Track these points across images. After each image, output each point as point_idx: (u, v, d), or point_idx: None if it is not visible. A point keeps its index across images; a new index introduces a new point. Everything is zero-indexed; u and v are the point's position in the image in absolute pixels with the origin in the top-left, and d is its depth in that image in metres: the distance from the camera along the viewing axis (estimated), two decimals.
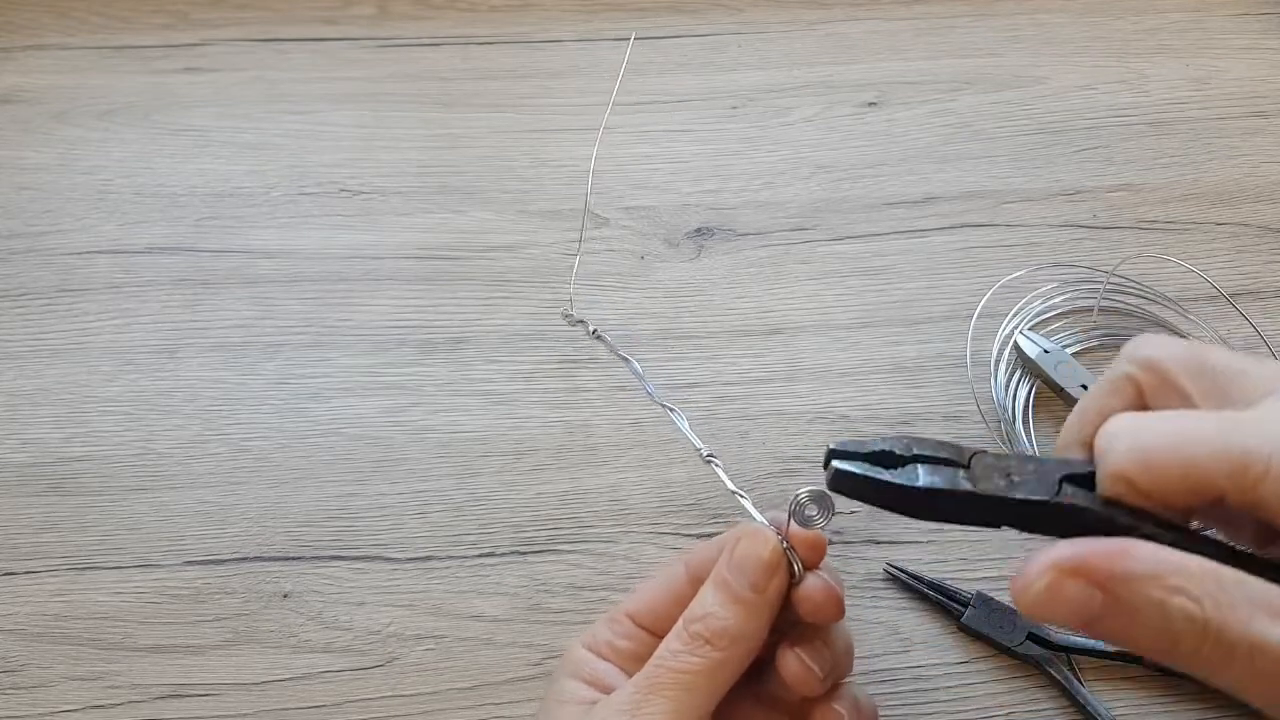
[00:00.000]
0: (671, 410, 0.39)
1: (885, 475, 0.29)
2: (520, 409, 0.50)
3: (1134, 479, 0.25)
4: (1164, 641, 0.24)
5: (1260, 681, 0.23)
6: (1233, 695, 0.24)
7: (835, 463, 0.30)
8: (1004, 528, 0.28)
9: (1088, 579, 0.24)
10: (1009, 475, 0.28)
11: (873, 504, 0.29)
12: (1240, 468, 0.24)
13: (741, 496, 0.35)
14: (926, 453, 0.29)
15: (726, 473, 0.36)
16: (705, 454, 0.37)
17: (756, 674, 0.34)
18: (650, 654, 0.33)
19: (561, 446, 0.49)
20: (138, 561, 0.45)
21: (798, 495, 0.32)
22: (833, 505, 0.32)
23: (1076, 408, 0.32)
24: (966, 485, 0.28)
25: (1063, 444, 0.32)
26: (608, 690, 0.33)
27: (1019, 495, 0.27)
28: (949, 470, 0.29)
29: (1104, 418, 0.28)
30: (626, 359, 0.41)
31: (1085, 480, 0.27)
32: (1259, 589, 0.24)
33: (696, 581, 0.34)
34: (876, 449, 0.29)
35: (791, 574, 0.32)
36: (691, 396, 0.50)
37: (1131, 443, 0.26)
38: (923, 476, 0.28)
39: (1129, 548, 0.24)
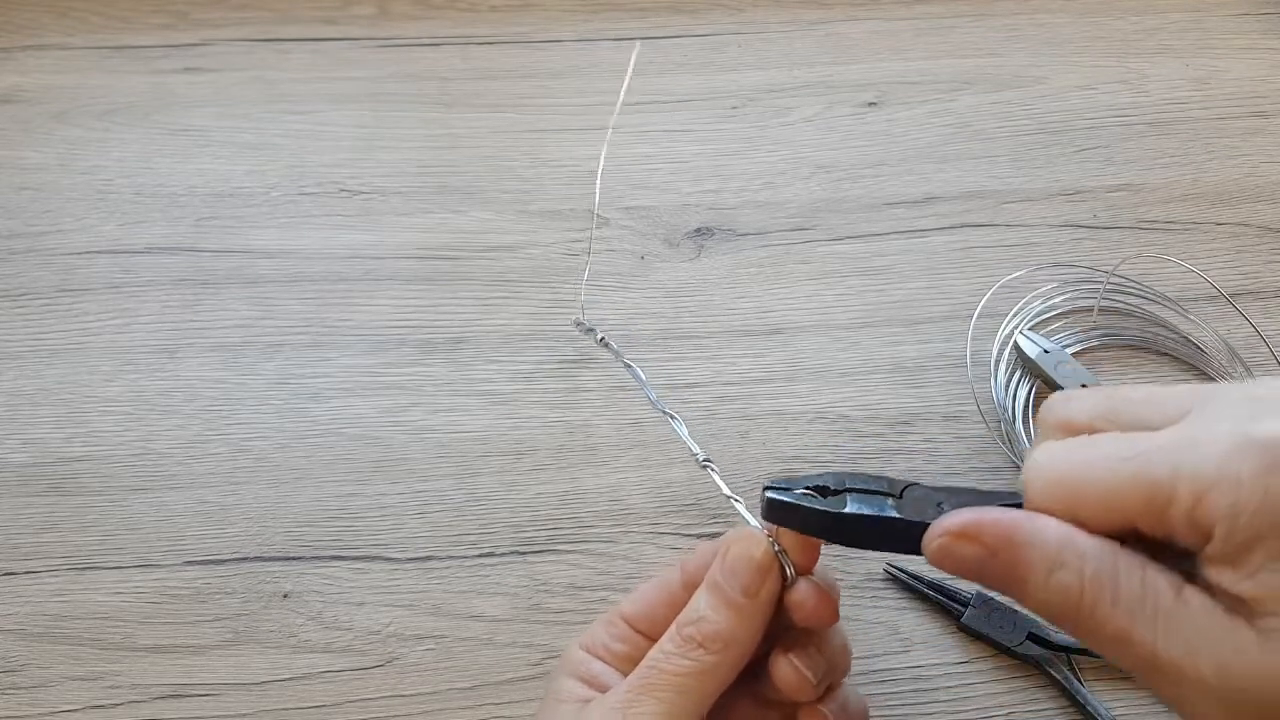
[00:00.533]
0: (673, 417, 0.39)
1: (813, 504, 0.30)
2: (520, 409, 0.50)
3: (1056, 515, 0.26)
4: (1046, 609, 0.26)
5: (1124, 664, 0.25)
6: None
7: (768, 493, 0.31)
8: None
9: (975, 543, 0.26)
10: (939, 505, 0.29)
11: (804, 531, 0.31)
12: (1148, 498, 0.24)
13: (736, 500, 0.35)
14: (858, 485, 0.31)
15: (723, 476, 0.36)
16: (701, 459, 0.37)
17: (753, 675, 0.34)
18: (644, 656, 0.33)
19: (561, 447, 0.49)
20: (138, 561, 0.45)
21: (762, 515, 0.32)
22: (792, 518, 0.32)
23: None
24: (892, 513, 0.29)
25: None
26: (603, 689, 0.33)
27: (929, 521, 0.28)
28: (878, 500, 0.30)
29: None
30: (630, 365, 0.41)
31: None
32: (1145, 572, 0.24)
33: (691, 585, 0.34)
34: (812, 484, 0.31)
35: (784, 577, 0.32)
36: (691, 397, 0.50)
37: (1048, 474, 0.27)
38: (849, 505, 0.30)
39: (1027, 519, 0.26)
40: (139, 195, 0.57)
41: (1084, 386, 0.49)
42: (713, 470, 0.36)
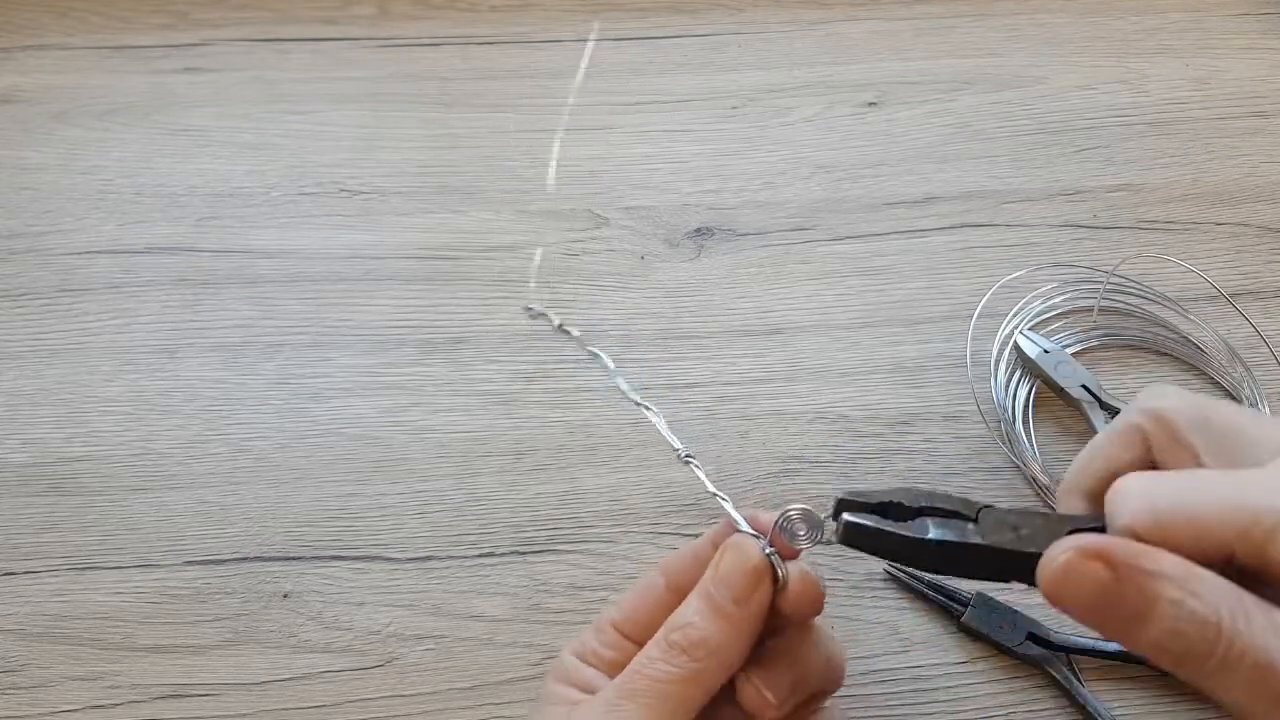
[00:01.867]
0: (648, 409, 0.38)
1: (898, 529, 0.29)
2: (520, 409, 0.50)
3: (1144, 537, 0.25)
4: (1174, 641, 0.24)
5: (1259, 701, 0.24)
6: (1225, 708, 0.25)
7: (846, 515, 0.30)
8: (1013, 582, 0.28)
9: (1107, 564, 0.25)
10: (1016, 529, 0.28)
11: (882, 556, 0.30)
12: (1248, 527, 0.24)
13: (722, 499, 0.35)
14: (933, 505, 0.29)
15: (718, 474, 0.36)
16: (684, 455, 0.36)
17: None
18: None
19: (561, 446, 0.49)
20: (138, 561, 0.45)
21: (788, 512, 0.32)
22: (822, 527, 0.31)
23: (1083, 452, 0.32)
24: (976, 539, 0.28)
25: (1067, 487, 0.33)
26: (593, 693, 0.33)
27: (1030, 549, 0.27)
28: (958, 523, 0.29)
29: (1111, 466, 0.28)
30: (596, 353, 0.40)
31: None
32: (1273, 611, 0.24)
33: (675, 589, 0.34)
34: (883, 500, 0.30)
35: (775, 583, 0.32)
36: (691, 397, 0.50)
37: (1141, 502, 0.26)
38: (933, 530, 0.29)
39: (1154, 550, 0.25)
40: (139, 195, 0.57)
41: (1084, 387, 0.49)
42: (695, 465, 0.36)
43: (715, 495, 0.35)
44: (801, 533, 0.32)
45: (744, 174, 0.59)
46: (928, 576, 0.44)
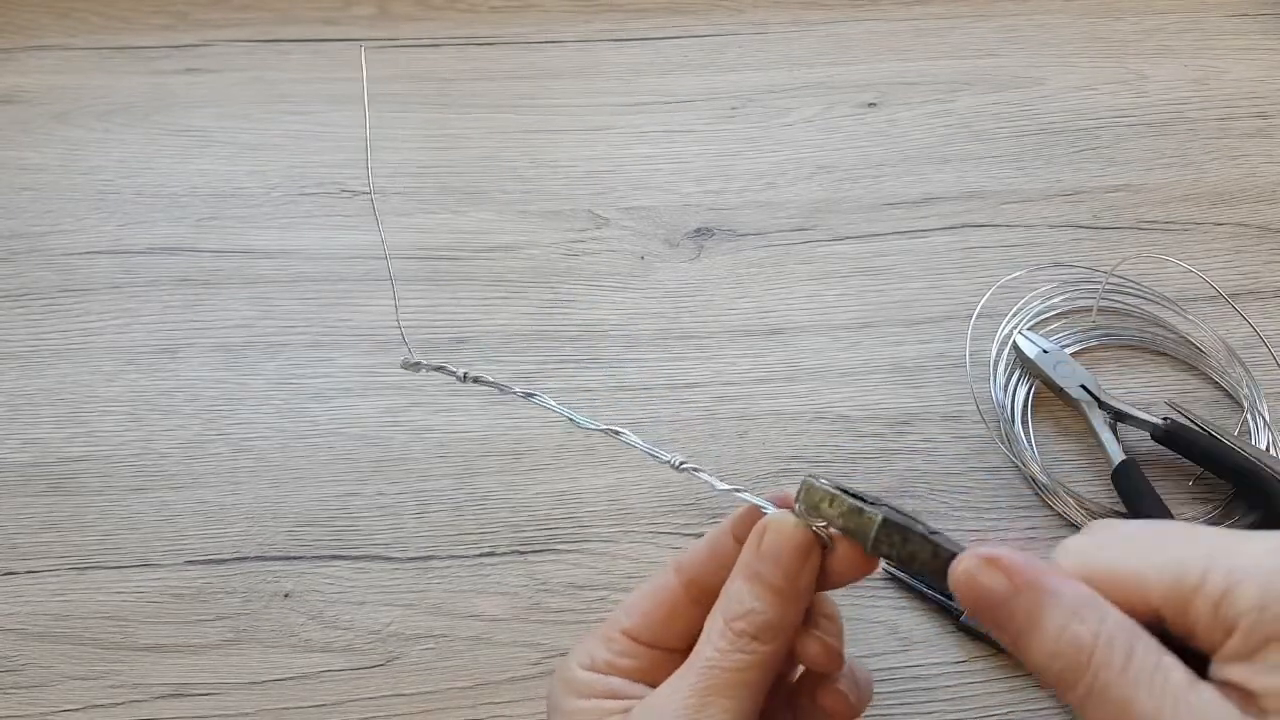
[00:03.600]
0: (617, 433, 0.37)
1: (851, 494, 0.30)
2: (520, 409, 0.50)
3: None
4: (1052, 661, 0.25)
5: None
6: None
7: (807, 477, 0.31)
8: (929, 579, 0.30)
9: (1006, 574, 0.26)
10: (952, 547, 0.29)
11: (833, 522, 0.30)
12: (1172, 584, 0.24)
13: (738, 491, 0.34)
14: (895, 507, 0.30)
15: (708, 471, 0.35)
16: (677, 463, 0.35)
17: None
18: (656, 669, 0.33)
19: (561, 446, 0.49)
20: (138, 561, 0.45)
21: (799, 501, 0.31)
22: (835, 508, 0.31)
23: None
24: (922, 529, 0.29)
25: None
26: (631, 698, 0.32)
27: (957, 550, 0.28)
28: (911, 520, 0.30)
29: None
30: (532, 394, 0.36)
31: None
32: (1163, 656, 0.24)
33: (692, 587, 0.33)
34: (848, 488, 0.31)
35: (822, 551, 0.32)
36: (691, 397, 0.50)
37: (1081, 553, 0.27)
38: (884, 510, 0.30)
39: (1059, 574, 0.26)
40: (140, 195, 0.58)
41: (1083, 387, 0.49)
42: (696, 471, 0.35)
43: (731, 491, 0.34)
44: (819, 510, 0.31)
45: (744, 174, 0.59)
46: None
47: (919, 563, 0.29)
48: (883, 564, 0.45)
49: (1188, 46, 0.66)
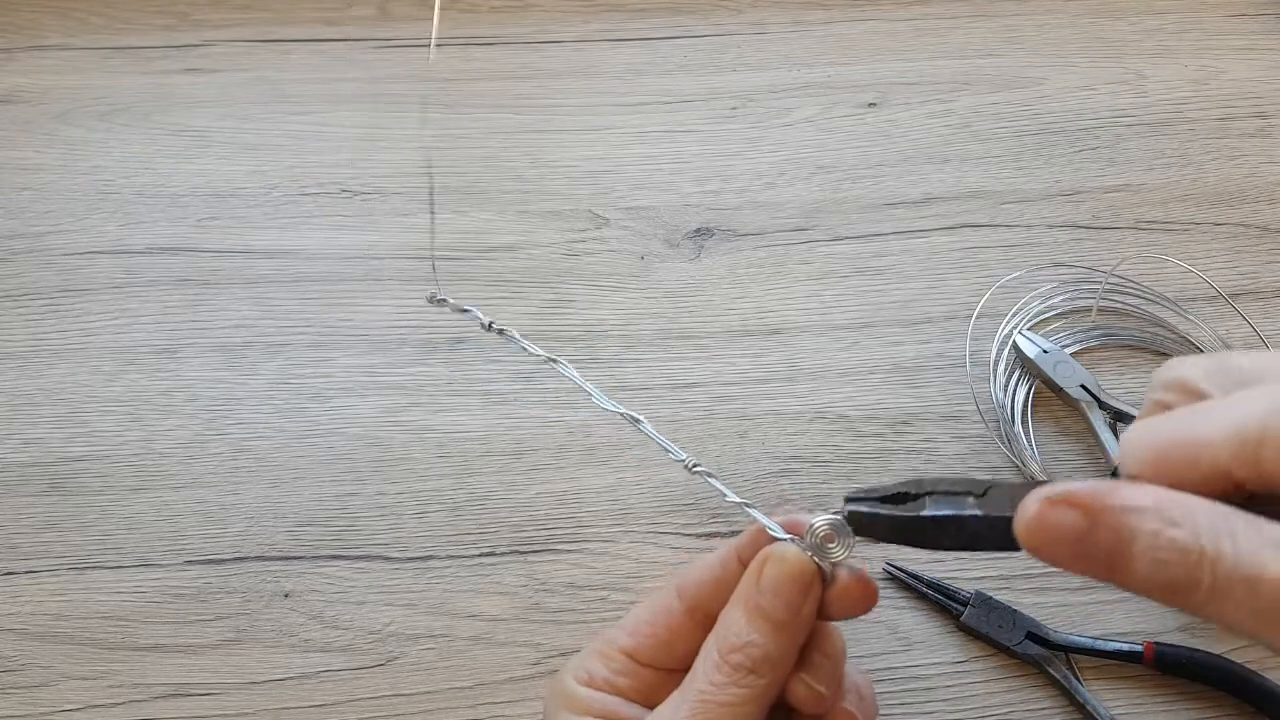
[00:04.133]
0: (637, 420, 0.35)
1: (894, 510, 0.29)
2: (520, 409, 0.50)
3: (1148, 479, 0.25)
4: (1159, 573, 0.23)
5: (1256, 617, 0.22)
6: (1226, 630, 0.24)
7: (848, 506, 0.30)
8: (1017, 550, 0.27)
9: (1076, 507, 0.24)
10: (1015, 499, 0.27)
11: (887, 540, 0.30)
12: (1239, 444, 0.23)
13: (749, 507, 0.33)
14: (941, 489, 0.29)
15: (717, 478, 0.34)
16: (691, 464, 0.34)
17: None
18: (654, 690, 0.33)
19: (561, 446, 0.49)
20: (138, 561, 0.45)
21: (814, 527, 0.31)
22: (851, 534, 0.31)
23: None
24: (972, 510, 0.28)
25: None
26: (625, 719, 0.32)
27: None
28: (958, 499, 0.28)
29: None
30: (554, 360, 0.36)
31: None
32: (1264, 525, 0.23)
33: (694, 610, 0.33)
34: (890, 492, 0.30)
35: (823, 583, 0.31)
36: (691, 397, 0.50)
37: (1141, 444, 0.25)
38: (929, 508, 0.28)
39: (1119, 485, 0.24)
40: (140, 196, 0.58)
41: (1083, 386, 0.49)
42: (709, 476, 0.34)
43: (741, 505, 0.33)
44: (834, 547, 0.31)
45: (744, 174, 0.59)
46: (928, 576, 0.44)
47: (987, 541, 0.28)
48: (884, 564, 0.45)
49: (1188, 46, 0.66)
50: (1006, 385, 0.50)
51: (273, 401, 0.50)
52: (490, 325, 0.37)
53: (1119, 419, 0.48)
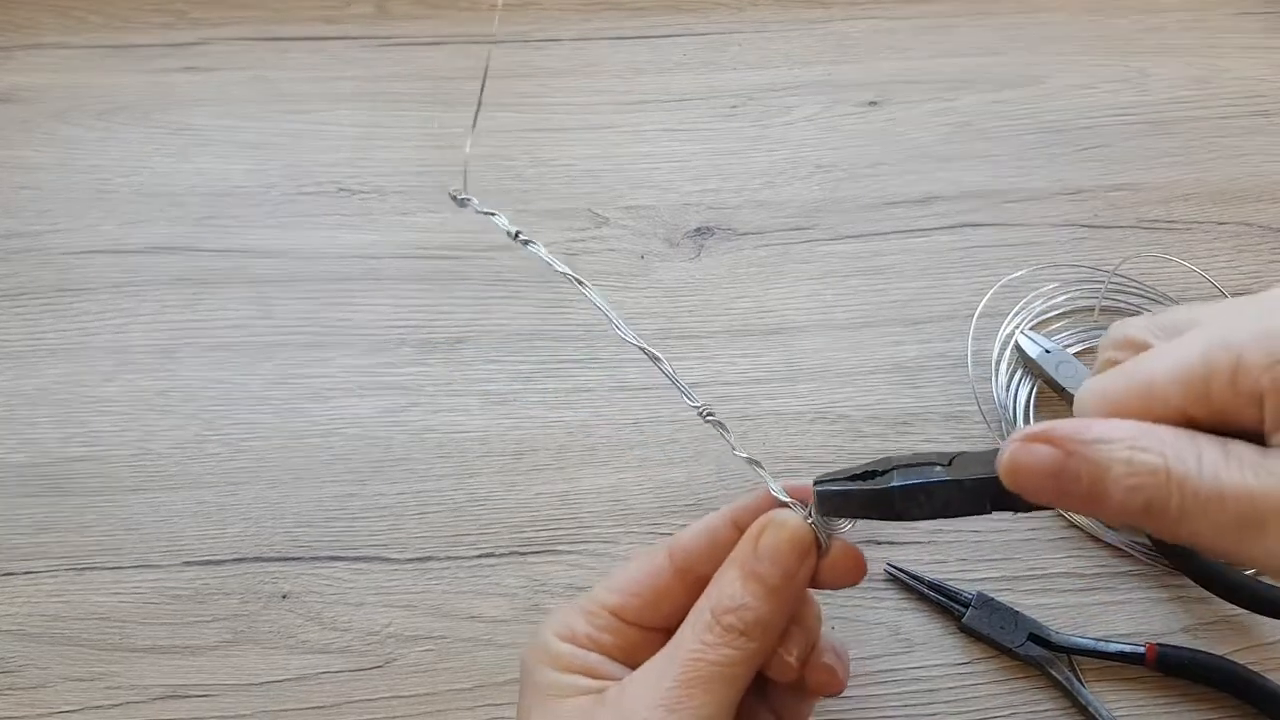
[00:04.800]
0: (658, 359, 0.35)
1: (862, 485, 0.30)
2: (520, 409, 0.50)
3: None
4: (1134, 498, 0.24)
5: (1221, 531, 0.23)
6: (1203, 550, 0.25)
7: (817, 487, 0.31)
8: (992, 511, 0.28)
9: (1052, 443, 0.25)
10: (989, 464, 0.28)
11: (860, 515, 0.30)
12: (1185, 380, 0.24)
13: (757, 465, 0.33)
14: (906, 463, 0.30)
15: (731, 436, 0.34)
16: (705, 412, 0.34)
17: None
18: (637, 648, 0.33)
19: (561, 446, 0.48)
20: (136, 562, 0.45)
21: (815, 506, 0.31)
22: (850, 502, 0.31)
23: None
24: (940, 477, 0.29)
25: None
26: (608, 678, 0.32)
27: (988, 473, 0.27)
28: (925, 469, 0.29)
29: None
30: (580, 281, 0.37)
31: None
32: (1230, 444, 0.24)
33: (685, 572, 0.33)
34: (859, 471, 0.30)
35: (819, 551, 0.32)
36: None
37: (1095, 396, 0.26)
38: (896, 479, 0.29)
39: (1093, 421, 0.25)
40: (138, 195, 0.57)
41: None
42: (720, 425, 0.34)
43: (750, 462, 0.33)
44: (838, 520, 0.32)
45: (744, 173, 0.59)
46: (929, 577, 0.44)
47: (956, 506, 0.29)
48: (884, 565, 0.45)
49: (1190, 45, 0.65)
50: (1008, 385, 0.50)
51: (271, 401, 0.50)
52: (517, 235, 0.37)
53: None
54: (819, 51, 0.65)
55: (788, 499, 0.32)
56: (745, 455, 0.33)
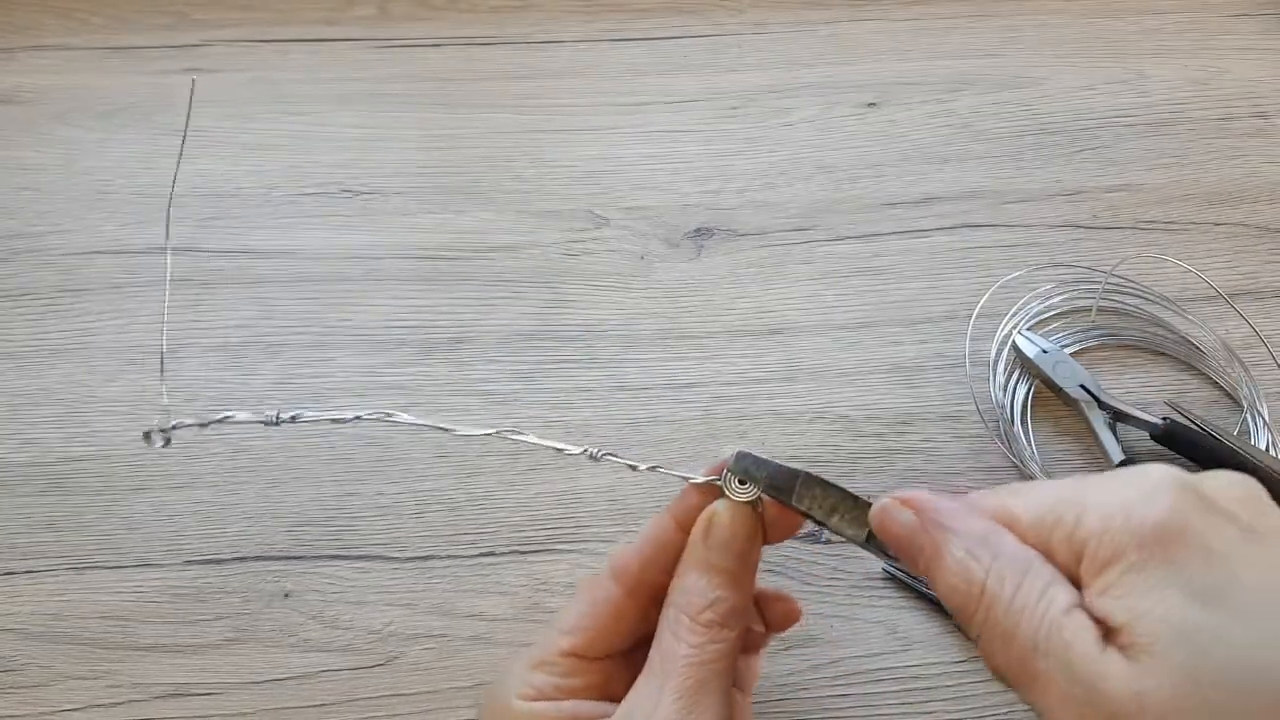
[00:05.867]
0: (517, 435, 0.35)
1: (776, 460, 0.33)
2: (520, 409, 0.50)
3: None
4: (951, 595, 0.26)
5: (1008, 665, 0.25)
6: (989, 669, 0.27)
7: (739, 449, 0.34)
8: (867, 544, 0.31)
9: (912, 509, 0.28)
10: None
11: (763, 484, 0.33)
12: (1037, 520, 0.26)
13: (660, 469, 0.35)
14: (827, 479, 0.33)
15: (625, 457, 0.35)
16: (593, 453, 0.35)
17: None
18: (607, 679, 0.33)
19: None
20: (137, 561, 0.45)
21: (729, 469, 0.33)
22: (762, 470, 0.33)
23: None
24: (841, 485, 0.32)
25: None
26: (591, 718, 0.32)
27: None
28: (837, 485, 0.33)
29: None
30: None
31: None
32: (1052, 586, 0.25)
33: (635, 591, 0.33)
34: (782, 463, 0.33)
35: (763, 524, 0.33)
36: (690, 397, 0.50)
37: (993, 503, 0.28)
38: (807, 471, 0.33)
39: (962, 511, 0.27)
40: (139, 195, 0.57)
41: (1082, 386, 0.49)
42: (612, 457, 0.35)
43: (653, 469, 0.35)
44: (746, 484, 0.33)
45: (744, 174, 0.59)
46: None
47: (840, 513, 0.32)
48: (883, 564, 0.45)
49: (1188, 46, 0.66)
50: (1006, 385, 0.50)
51: (272, 401, 0.50)
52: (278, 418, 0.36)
53: (1118, 419, 0.48)
54: (819, 53, 0.65)
55: (709, 478, 0.34)
56: (645, 467, 0.35)
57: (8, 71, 0.63)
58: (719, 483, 0.33)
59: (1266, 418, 0.49)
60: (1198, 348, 0.51)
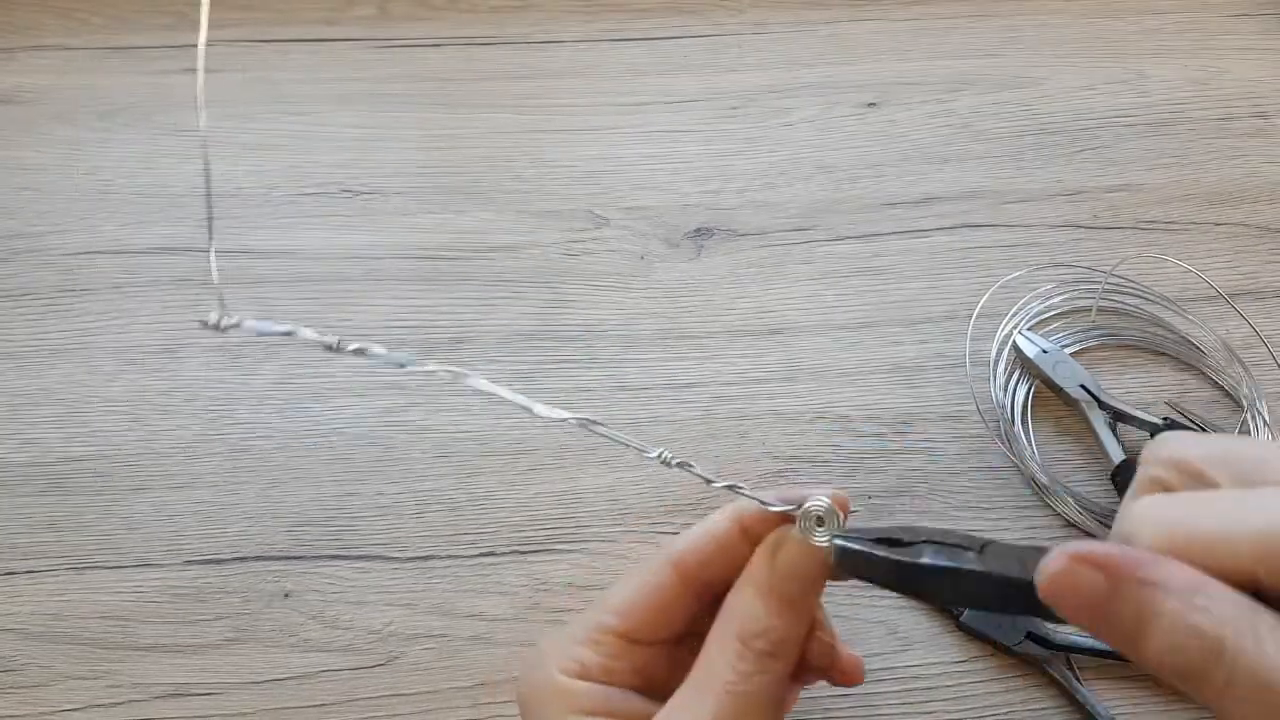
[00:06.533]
0: (594, 424, 0.33)
1: (888, 553, 0.28)
2: (520, 409, 0.50)
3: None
4: (1175, 656, 0.23)
5: (1253, 713, 0.22)
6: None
7: (837, 540, 0.30)
8: (1012, 611, 0.27)
9: (1102, 570, 0.23)
10: (1023, 561, 0.26)
11: (879, 582, 0.29)
12: (1264, 546, 0.22)
13: (739, 489, 0.32)
14: (936, 539, 0.28)
15: (702, 466, 0.33)
16: (668, 459, 0.32)
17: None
18: (649, 665, 0.32)
19: (561, 446, 0.49)
20: (138, 561, 0.45)
21: (808, 510, 0.30)
22: (840, 522, 0.30)
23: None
24: (972, 566, 0.27)
25: None
26: (630, 716, 0.31)
27: (1022, 575, 0.25)
28: (957, 552, 0.28)
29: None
30: (458, 373, 0.32)
31: None
32: None
33: (691, 582, 0.32)
34: (882, 535, 0.29)
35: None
36: (690, 397, 0.50)
37: (1153, 524, 0.24)
38: (927, 556, 0.28)
39: (1159, 558, 0.23)
40: (140, 195, 0.58)
41: (1082, 386, 0.49)
42: (690, 468, 0.32)
43: (730, 488, 0.32)
44: (821, 531, 0.30)
45: (744, 174, 0.59)
46: None
47: (981, 599, 0.27)
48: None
49: (1188, 46, 0.66)
50: (1006, 385, 0.50)
51: (272, 401, 0.50)
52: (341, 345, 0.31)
53: (1118, 419, 0.48)
54: (819, 53, 0.65)
55: (786, 507, 0.31)
56: (721, 484, 0.32)
57: (8, 71, 0.63)
58: (794, 511, 0.31)
59: (1266, 418, 0.49)
60: (1198, 348, 0.51)
